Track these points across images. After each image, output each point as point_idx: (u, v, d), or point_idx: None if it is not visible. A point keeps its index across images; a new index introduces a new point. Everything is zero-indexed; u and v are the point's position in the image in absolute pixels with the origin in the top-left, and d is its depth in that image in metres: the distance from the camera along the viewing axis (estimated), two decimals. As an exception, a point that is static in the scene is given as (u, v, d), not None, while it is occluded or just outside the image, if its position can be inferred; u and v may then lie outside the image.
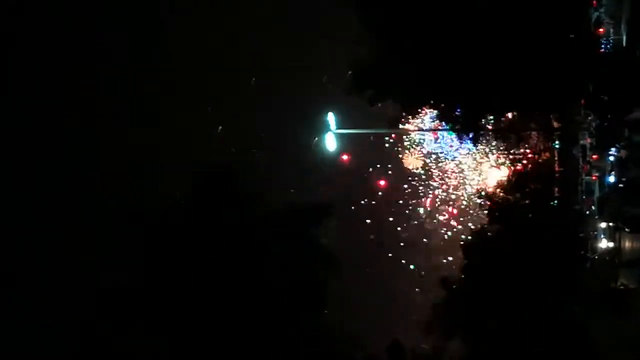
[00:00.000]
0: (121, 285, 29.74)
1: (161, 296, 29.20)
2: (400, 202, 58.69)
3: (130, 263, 29.92)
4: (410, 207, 58.42)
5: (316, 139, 46.07)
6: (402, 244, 57.82)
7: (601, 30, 37.42)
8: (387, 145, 56.79)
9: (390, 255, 57.24)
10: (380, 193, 58.94)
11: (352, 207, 57.30)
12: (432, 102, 38.22)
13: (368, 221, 58.06)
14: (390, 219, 58.68)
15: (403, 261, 57.46)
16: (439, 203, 57.77)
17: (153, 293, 29.39)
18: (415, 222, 58.43)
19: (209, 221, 30.17)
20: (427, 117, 45.00)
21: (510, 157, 46.09)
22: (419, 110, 41.93)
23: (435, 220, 58.23)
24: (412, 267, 57.06)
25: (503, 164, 48.81)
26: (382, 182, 58.92)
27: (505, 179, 44.48)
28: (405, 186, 58.28)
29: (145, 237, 29.89)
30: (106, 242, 31.52)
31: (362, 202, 58.42)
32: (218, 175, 31.47)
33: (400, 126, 46.51)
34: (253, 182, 33.42)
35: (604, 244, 39.37)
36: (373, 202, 58.73)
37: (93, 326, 29.44)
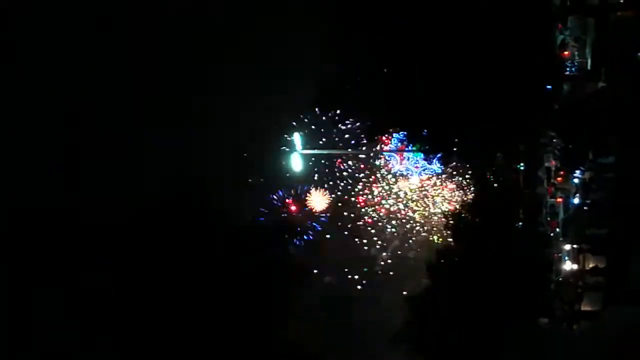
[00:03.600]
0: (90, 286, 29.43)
1: (127, 302, 28.91)
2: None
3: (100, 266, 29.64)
4: (376, 226, 58.27)
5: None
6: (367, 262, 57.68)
7: (566, 53, 37.73)
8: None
9: (356, 277, 56.99)
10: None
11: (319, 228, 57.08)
12: (398, 123, 38.04)
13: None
14: (356, 239, 58.51)
15: (365, 282, 57.34)
16: (403, 222, 57.78)
17: (120, 297, 29.11)
18: (381, 243, 58.27)
19: (176, 232, 29.99)
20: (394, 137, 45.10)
21: (476, 178, 46.15)
22: (386, 131, 41.74)
23: (400, 241, 58.15)
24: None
25: (468, 185, 48.94)
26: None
27: (470, 199, 44.51)
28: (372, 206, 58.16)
29: (113, 242, 29.65)
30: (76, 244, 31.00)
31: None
32: (188, 187, 31.38)
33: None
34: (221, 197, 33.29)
35: (568, 266, 39.49)
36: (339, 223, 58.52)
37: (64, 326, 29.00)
